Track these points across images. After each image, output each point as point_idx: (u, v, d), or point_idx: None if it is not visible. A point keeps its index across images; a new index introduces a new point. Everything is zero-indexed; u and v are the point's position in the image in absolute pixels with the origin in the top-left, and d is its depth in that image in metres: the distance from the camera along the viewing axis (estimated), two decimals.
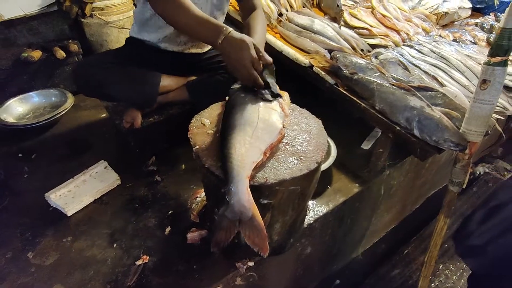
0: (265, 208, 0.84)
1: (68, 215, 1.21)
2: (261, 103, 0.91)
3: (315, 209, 1.27)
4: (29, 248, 1.11)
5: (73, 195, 1.23)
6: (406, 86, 1.23)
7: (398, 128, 1.21)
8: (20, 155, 1.50)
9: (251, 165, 0.77)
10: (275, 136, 0.84)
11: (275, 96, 0.95)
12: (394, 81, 1.32)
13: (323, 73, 1.44)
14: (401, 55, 1.57)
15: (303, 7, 1.90)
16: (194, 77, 1.38)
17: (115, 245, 1.12)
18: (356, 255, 1.82)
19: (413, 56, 1.59)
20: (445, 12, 2.04)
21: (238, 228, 0.76)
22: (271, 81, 0.96)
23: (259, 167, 0.80)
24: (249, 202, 0.74)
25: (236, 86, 1.00)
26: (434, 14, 2.05)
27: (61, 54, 1.79)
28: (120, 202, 1.28)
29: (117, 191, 1.32)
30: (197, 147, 0.86)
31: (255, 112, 0.88)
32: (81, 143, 1.57)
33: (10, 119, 1.60)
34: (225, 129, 0.84)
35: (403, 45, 1.70)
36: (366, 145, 1.57)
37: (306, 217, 1.23)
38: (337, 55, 1.50)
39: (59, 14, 2.06)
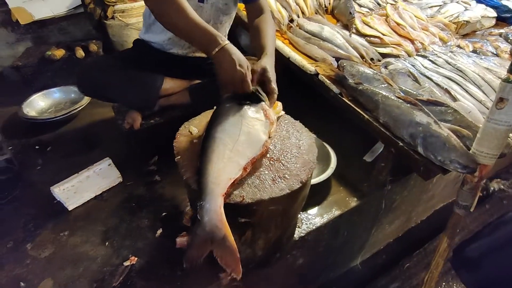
0: (244, 226, 0.74)
1: (69, 209, 1.18)
2: (246, 114, 0.80)
3: (309, 222, 1.15)
4: (29, 239, 1.09)
5: (75, 190, 1.19)
6: (413, 100, 1.07)
7: (401, 144, 1.06)
8: (37, 147, 1.49)
9: (227, 182, 0.67)
10: (257, 150, 0.74)
11: (258, 100, 0.83)
12: (402, 93, 1.17)
13: (328, 81, 1.31)
14: (413, 65, 1.40)
15: (316, 13, 1.75)
16: (197, 81, 1.29)
17: (107, 243, 1.07)
18: (354, 264, 1.68)
19: (425, 67, 1.41)
20: (466, 21, 1.82)
21: (211, 247, 0.67)
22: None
23: (237, 183, 0.70)
24: (221, 222, 0.64)
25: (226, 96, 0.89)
26: (454, 23, 1.83)
27: (80, 53, 1.77)
28: (119, 200, 1.23)
29: (118, 189, 1.27)
30: (179, 157, 0.78)
31: (238, 123, 0.77)
32: (92, 139, 1.54)
33: (32, 113, 1.60)
34: (205, 141, 0.75)
35: (417, 55, 1.52)
36: (369, 157, 1.42)
37: (298, 229, 1.12)
38: (344, 64, 1.35)
39: (85, 15, 2.05)
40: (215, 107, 0.87)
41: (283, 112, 0.93)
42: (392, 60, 1.40)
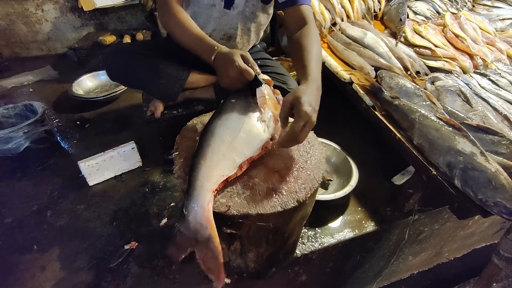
0: (230, 237, 0.66)
1: (90, 185, 1.21)
2: (250, 112, 0.72)
3: (315, 239, 1.03)
4: (51, 207, 1.14)
5: (98, 168, 1.22)
6: (457, 124, 0.89)
7: (434, 172, 0.88)
8: (78, 122, 1.58)
9: (219, 178, 0.61)
10: (256, 150, 0.66)
11: (259, 83, 0.75)
12: (446, 114, 0.98)
13: (361, 92, 1.16)
14: (467, 84, 1.17)
15: (363, 18, 1.58)
16: None
17: (114, 224, 1.07)
18: None
19: (483, 87, 1.18)
20: None
21: (195, 247, 0.59)
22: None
23: (230, 181, 0.63)
24: (207, 221, 0.56)
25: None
26: None
27: (126, 41, 1.83)
28: (135, 183, 1.23)
29: (136, 172, 1.28)
30: (177, 152, 0.72)
31: (240, 119, 0.70)
32: (124, 121, 1.58)
33: (80, 91, 1.70)
34: (203, 135, 0.69)
35: (474, 72, 1.28)
36: (398, 180, 1.24)
37: (303, 246, 1.01)
38: (383, 75, 1.19)
39: (140, 6, 2.13)
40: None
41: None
42: (442, 76, 1.20)
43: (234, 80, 0.75)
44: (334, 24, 1.53)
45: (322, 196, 1.06)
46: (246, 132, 0.68)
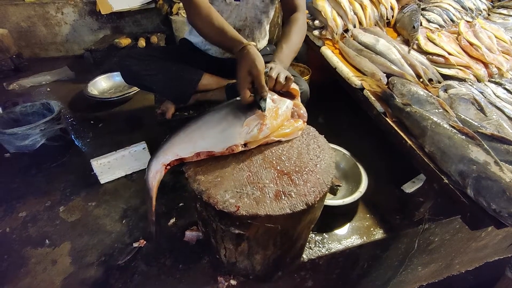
0: (239, 237, 0.67)
1: (101, 183, 1.24)
2: (241, 113, 0.74)
3: (323, 245, 1.03)
4: (63, 203, 1.17)
5: (110, 166, 1.24)
6: (470, 132, 0.87)
7: (446, 181, 0.87)
8: (91, 122, 1.62)
9: (173, 156, 0.71)
10: (220, 148, 0.71)
11: (258, 106, 0.75)
12: (459, 123, 0.96)
13: (372, 98, 1.16)
14: (481, 92, 1.15)
15: (375, 25, 1.58)
16: (234, 81, 1.26)
17: (124, 221, 1.09)
18: None
19: (497, 96, 1.16)
20: None
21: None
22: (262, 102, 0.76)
23: (241, 182, 0.65)
24: (151, 185, 0.74)
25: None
26: None
27: (141, 43, 1.88)
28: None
29: None
30: None
31: (226, 116, 0.75)
32: (136, 121, 1.61)
33: (95, 92, 1.75)
34: (196, 117, 0.78)
35: (489, 81, 1.26)
36: (408, 188, 1.22)
37: (310, 250, 1.01)
38: (395, 81, 1.18)
39: (156, 10, 2.19)
40: None
41: (300, 122, 0.81)
42: (455, 84, 1.18)
43: (248, 79, 0.77)
44: (346, 30, 1.53)
45: (330, 201, 1.06)
46: (220, 128, 0.73)
